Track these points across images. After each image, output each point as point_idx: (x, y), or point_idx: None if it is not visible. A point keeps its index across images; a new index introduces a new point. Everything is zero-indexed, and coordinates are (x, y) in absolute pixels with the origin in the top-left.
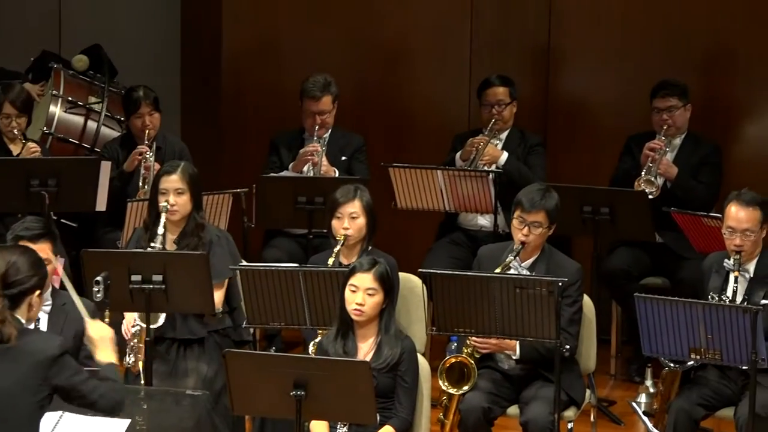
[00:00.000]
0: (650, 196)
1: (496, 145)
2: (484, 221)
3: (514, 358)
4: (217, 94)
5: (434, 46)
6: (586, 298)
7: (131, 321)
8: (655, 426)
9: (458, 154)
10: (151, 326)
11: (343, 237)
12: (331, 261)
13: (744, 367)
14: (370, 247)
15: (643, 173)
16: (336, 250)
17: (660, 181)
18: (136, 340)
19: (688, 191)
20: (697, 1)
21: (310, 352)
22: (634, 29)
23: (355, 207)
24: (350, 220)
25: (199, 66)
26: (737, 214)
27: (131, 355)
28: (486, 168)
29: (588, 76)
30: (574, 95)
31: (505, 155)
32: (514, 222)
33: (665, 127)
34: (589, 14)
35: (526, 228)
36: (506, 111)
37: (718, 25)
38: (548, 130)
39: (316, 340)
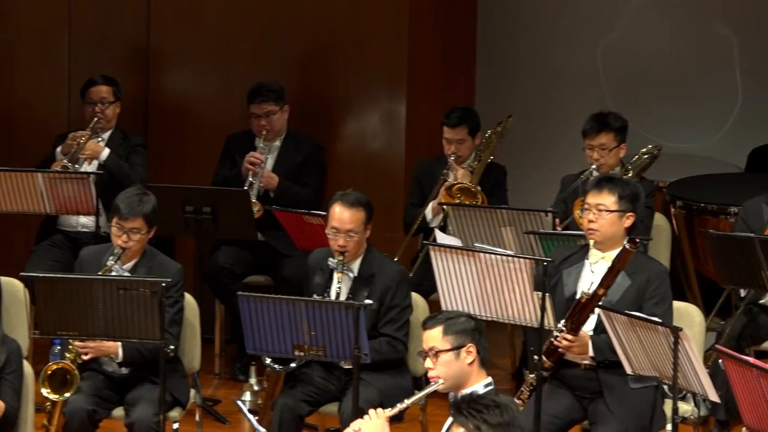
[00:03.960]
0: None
1: (99, 142)
2: (86, 222)
3: (117, 361)
4: None
5: (32, 45)
6: (189, 298)
7: None
8: (260, 423)
9: (59, 149)
10: None
11: None
12: None
13: (347, 367)
14: None
15: (246, 187)
16: None
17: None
18: None
19: (292, 198)
20: (295, 2)
21: None
22: (234, 29)
23: None
24: None
25: None
26: (341, 215)
27: None
28: (87, 163)
29: (189, 76)
30: (176, 95)
31: (106, 151)
32: (113, 229)
33: (264, 133)
34: (188, 14)
35: (125, 235)
36: (109, 109)
37: (317, 23)
38: (150, 130)
39: None
